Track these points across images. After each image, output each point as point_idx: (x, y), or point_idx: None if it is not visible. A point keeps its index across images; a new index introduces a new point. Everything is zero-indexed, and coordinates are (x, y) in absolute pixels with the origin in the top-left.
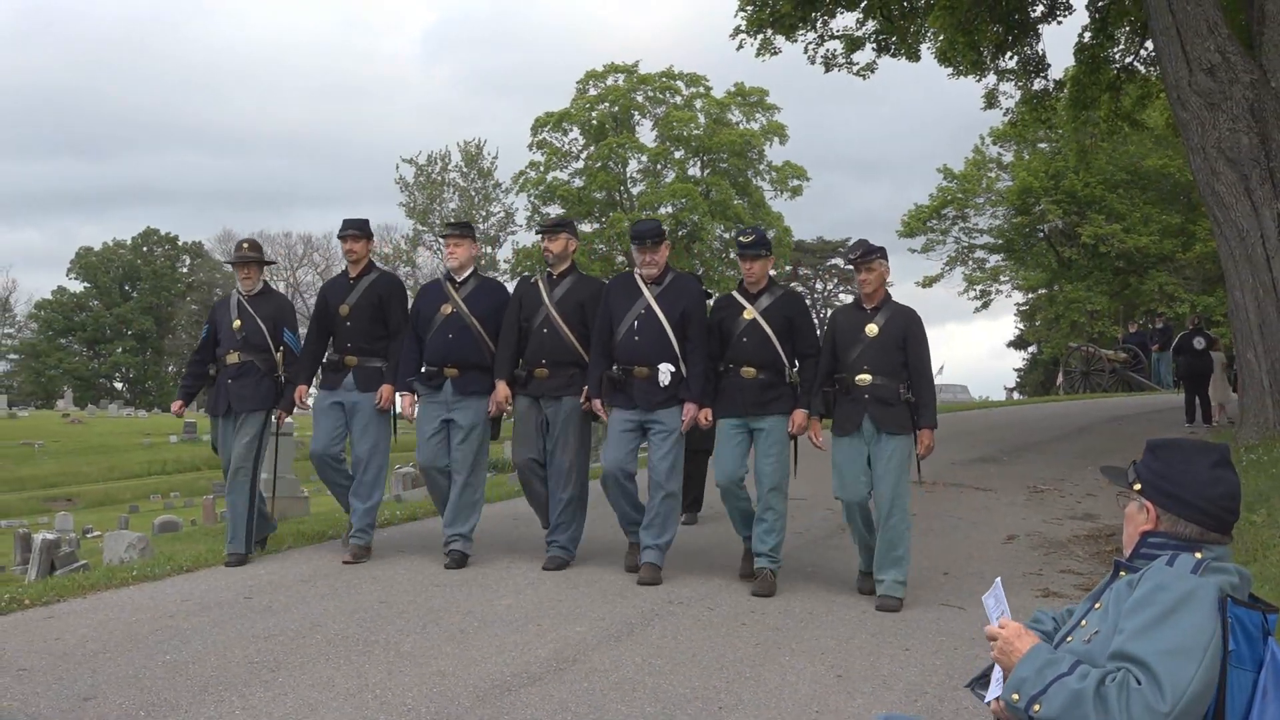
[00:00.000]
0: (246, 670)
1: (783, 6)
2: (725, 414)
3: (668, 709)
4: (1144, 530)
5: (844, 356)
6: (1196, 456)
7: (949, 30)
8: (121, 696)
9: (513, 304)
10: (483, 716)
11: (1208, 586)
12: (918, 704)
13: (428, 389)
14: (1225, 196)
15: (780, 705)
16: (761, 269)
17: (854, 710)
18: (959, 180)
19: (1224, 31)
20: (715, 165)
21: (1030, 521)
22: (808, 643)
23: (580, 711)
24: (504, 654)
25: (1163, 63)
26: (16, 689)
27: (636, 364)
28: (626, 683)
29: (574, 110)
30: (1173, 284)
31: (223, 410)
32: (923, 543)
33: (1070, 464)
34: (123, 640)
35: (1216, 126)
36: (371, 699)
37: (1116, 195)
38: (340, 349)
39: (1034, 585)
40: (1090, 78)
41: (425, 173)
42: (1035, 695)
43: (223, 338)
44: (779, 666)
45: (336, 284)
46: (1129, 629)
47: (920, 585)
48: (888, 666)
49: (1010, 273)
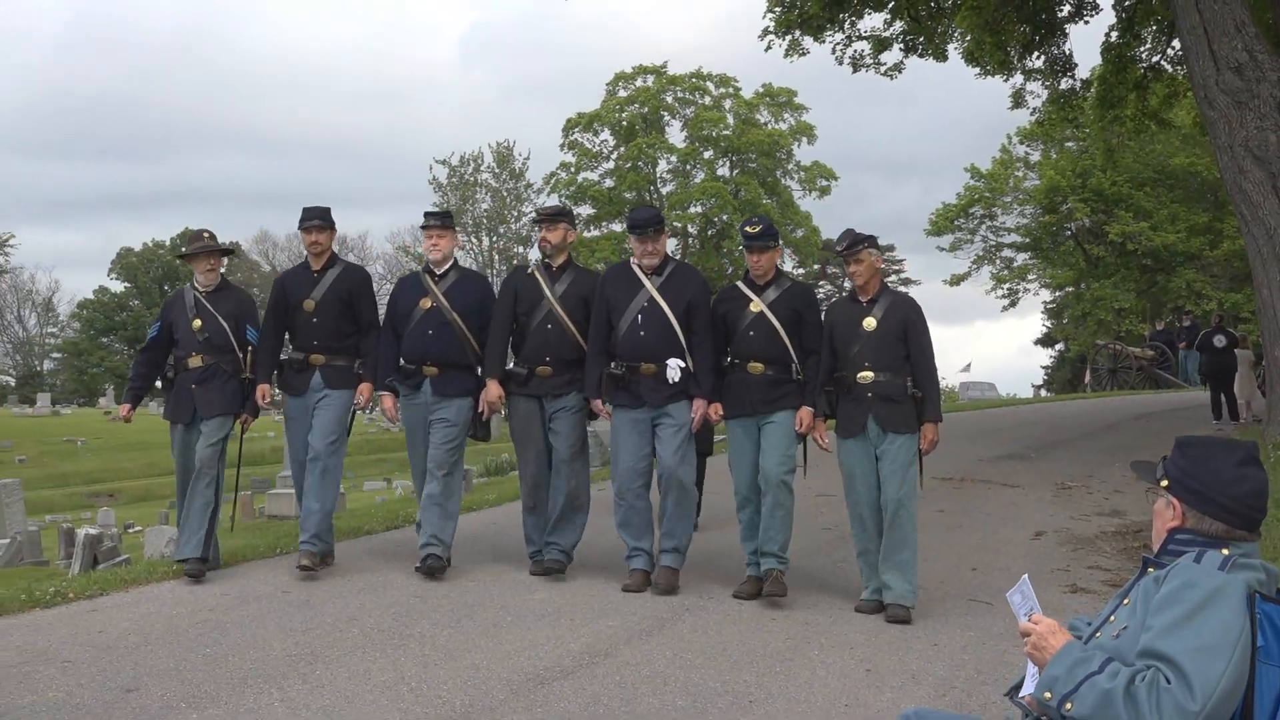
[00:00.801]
0: (285, 663)
1: (811, 8)
2: (734, 414)
3: (698, 702)
4: (1171, 527)
5: (843, 353)
6: (1222, 454)
7: (976, 30)
8: (162, 688)
9: (505, 297)
10: (516, 709)
11: (1235, 583)
12: (946, 699)
13: (406, 388)
14: (1253, 194)
15: (810, 699)
16: (769, 260)
17: (883, 704)
18: (986, 179)
19: (1251, 30)
20: (744, 165)
21: (1058, 518)
22: (836, 637)
23: (612, 705)
24: (537, 648)
25: (1190, 62)
26: (61, 680)
27: (643, 360)
28: (658, 676)
29: (604, 112)
30: (1200, 281)
31: (187, 417)
32: (951, 539)
33: (1098, 461)
34: (164, 633)
35: (1244, 125)
36: (407, 691)
37: (1144, 193)
38: (304, 347)
39: (1062, 581)
40: (1117, 77)
41: (458, 174)
42: (1067, 694)
43: (182, 339)
44: (808, 661)
45: (298, 277)
46: (1157, 626)
47: (948, 581)
48: (916, 661)
49: (1038, 271)
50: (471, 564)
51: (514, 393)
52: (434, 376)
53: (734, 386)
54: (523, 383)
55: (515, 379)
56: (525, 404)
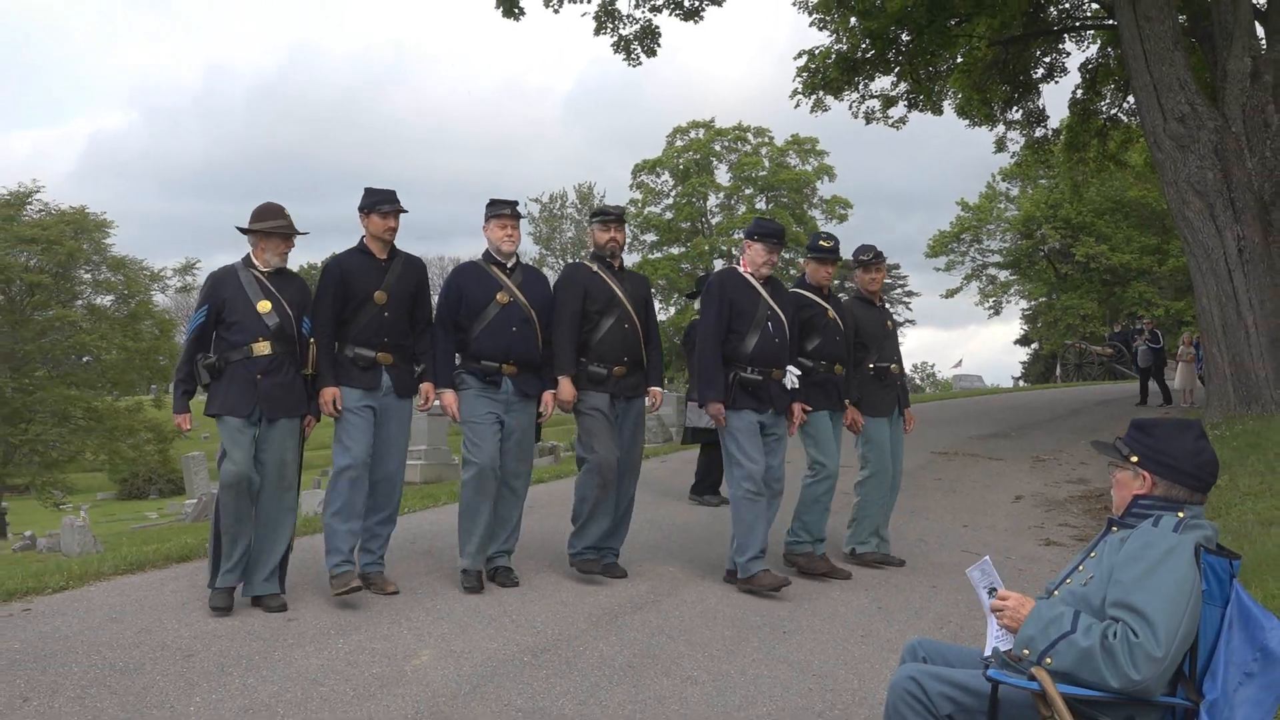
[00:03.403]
0: (411, 599)
1: (831, 73)
2: (821, 407)
3: (742, 632)
4: (1136, 494)
5: (876, 348)
6: (1183, 432)
7: (966, 90)
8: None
9: (574, 293)
10: (594, 637)
11: (1186, 542)
12: (944, 630)
13: (483, 385)
14: (1194, 221)
15: (832, 629)
16: (833, 274)
17: (891, 635)
18: (974, 211)
19: (1192, 87)
20: (777, 200)
21: (1034, 485)
22: (855, 580)
23: (672, 633)
24: (613, 588)
25: (1142, 113)
26: None
27: (774, 366)
28: (710, 611)
29: (665, 158)
30: (1150, 292)
31: (251, 412)
32: (946, 501)
33: (1066, 438)
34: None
35: (1186, 164)
36: (509, 622)
37: (1104, 221)
38: (373, 343)
39: (1037, 536)
40: (1082, 126)
41: (548, 209)
42: (1045, 650)
43: (241, 322)
44: (831, 600)
45: (362, 265)
46: (1126, 580)
47: (944, 535)
48: (918, 600)
49: (1017, 285)
50: (561, 521)
51: (587, 391)
52: (513, 375)
53: (824, 385)
54: (600, 382)
55: (593, 378)
56: (600, 399)
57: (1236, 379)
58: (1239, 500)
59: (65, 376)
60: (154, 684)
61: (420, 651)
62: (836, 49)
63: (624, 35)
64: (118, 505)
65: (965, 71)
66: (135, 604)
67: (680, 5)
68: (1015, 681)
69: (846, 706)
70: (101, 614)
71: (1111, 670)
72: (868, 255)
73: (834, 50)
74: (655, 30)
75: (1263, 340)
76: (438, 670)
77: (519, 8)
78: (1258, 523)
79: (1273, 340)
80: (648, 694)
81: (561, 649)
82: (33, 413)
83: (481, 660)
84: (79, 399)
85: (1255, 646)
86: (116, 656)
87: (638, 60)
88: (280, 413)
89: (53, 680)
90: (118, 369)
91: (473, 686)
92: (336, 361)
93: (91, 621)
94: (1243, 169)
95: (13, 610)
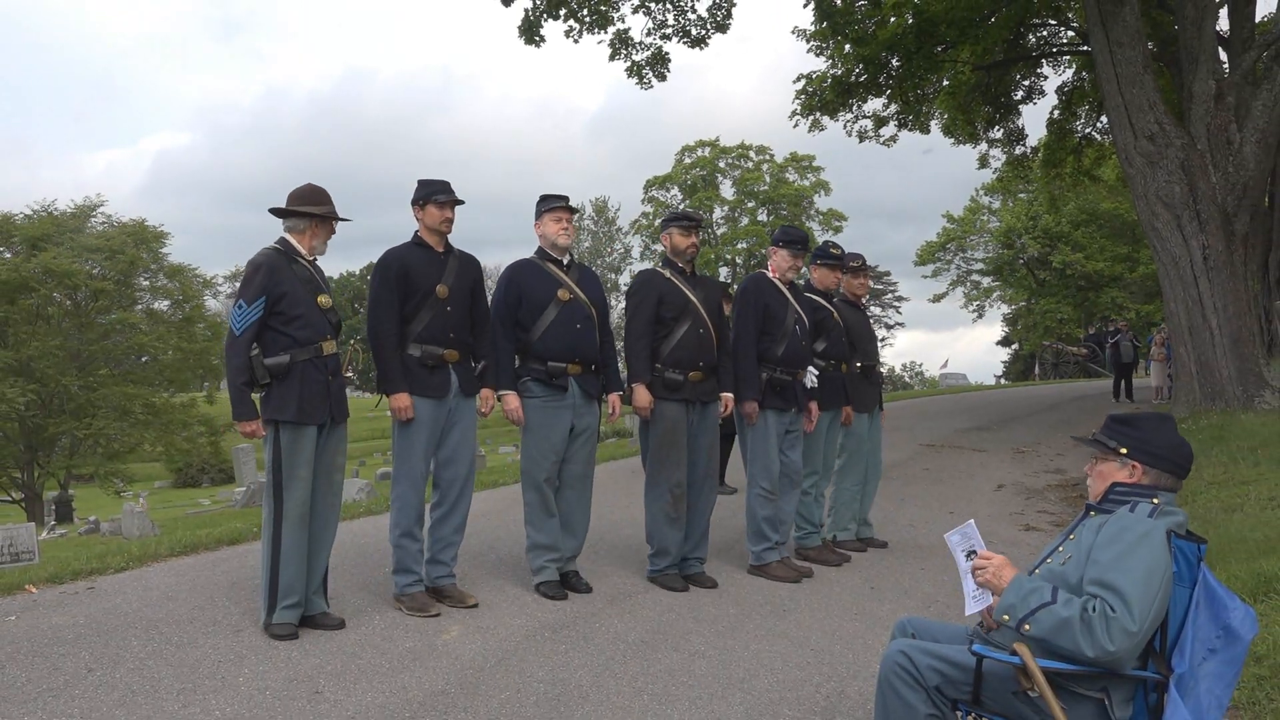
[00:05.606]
0: (465, 580)
1: (827, 96)
2: (833, 406)
3: (746, 610)
4: (1114, 481)
5: (865, 349)
6: (1164, 425)
7: (951, 110)
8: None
9: (649, 297)
10: (610, 615)
11: (1160, 527)
12: (931, 609)
13: (550, 389)
14: (1162, 231)
15: (829, 607)
16: (839, 279)
17: (883, 613)
18: (959, 223)
19: (1161, 108)
20: (777, 212)
21: (1014, 474)
22: (849, 563)
23: (681, 611)
24: (625, 572)
25: (1114, 132)
26: None
27: (799, 367)
28: (716, 591)
29: (674, 174)
30: (1121, 297)
31: (324, 418)
32: (933, 489)
33: (1045, 432)
34: (353, 555)
35: (1156, 179)
36: (531, 601)
37: (1079, 231)
38: (438, 340)
39: (1017, 522)
40: (1058, 144)
41: None
42: (1024, 617)
43: (308, 317)
44: (828, 581)
45: (421, 258)
46: (1104, 560)
47: (931, 520)
48: (908, 581)
49: (1000, 290)
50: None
51: (663, 398)
52: (577, 375)
53: (832, 384)
54: (676, 388)
55: (669, 384)
56: (674, 409)
57: (1202, 377)
58: (1204, 489)
59: (126, 375)
60: (206, 657)
61: (450, 628)
62: (832, 73)
63: (636, 61)
64: (173, 493)
65: (951, 94)
66: (189, 584)
67: (687, 34)
68: (998, 656)
69: (842, 679)
70: (159, 592)
71: (1088, 640)
72: (856, 262)
73: (830, 74)
74: (665, 56)
75: (1225, 341)
76: (466, 645)
77: (540, 35)
78: (1221, 509)
79: (1235, 341)
80: (658, 667)
81: (579, 625)
82: (96, 408)
83: (506, 636)
84: (138, 395)
85: (1219, 624)
86: (172, 631)
87: (649, 84)
88: (344, 415)
89: (114, 653)
90: (174, 368)
91: (498, 659)
92: (403, 363)
93: (150, 599)
94: (1207, 183)
95: (78, 589)
